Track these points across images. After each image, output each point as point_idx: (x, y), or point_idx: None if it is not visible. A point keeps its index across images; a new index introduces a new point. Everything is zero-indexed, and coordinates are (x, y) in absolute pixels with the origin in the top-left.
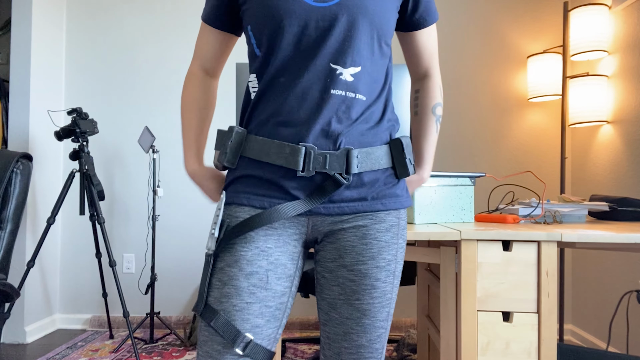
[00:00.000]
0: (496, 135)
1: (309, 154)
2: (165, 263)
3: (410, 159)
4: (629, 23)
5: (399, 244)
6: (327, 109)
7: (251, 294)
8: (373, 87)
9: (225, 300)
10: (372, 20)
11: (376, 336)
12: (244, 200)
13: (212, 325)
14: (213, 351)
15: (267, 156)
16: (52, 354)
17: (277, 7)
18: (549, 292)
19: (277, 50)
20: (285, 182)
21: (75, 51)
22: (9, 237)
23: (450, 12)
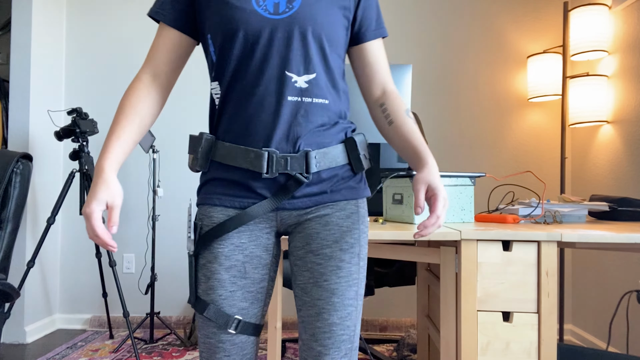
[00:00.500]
0: (496, 135)
1: (272, 158)
2: (165, 263)
3: (364, 154)
4: (629, 23)
5: (361, 229)
6: (284, 115)
7: (233, 284)
8: (329, 92)
9: (211, 292)
10: (321, 31)
11: (346, 314)
12: (216, 201)
13: (206, 315)
14: (210, 333)
15: (234, 160)
16: (52, 354)
17: (233, 18)
18: (549, 292)
19: (235, 59)
20: (252, 183)
21: (75, 51)
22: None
23: (450, 13)
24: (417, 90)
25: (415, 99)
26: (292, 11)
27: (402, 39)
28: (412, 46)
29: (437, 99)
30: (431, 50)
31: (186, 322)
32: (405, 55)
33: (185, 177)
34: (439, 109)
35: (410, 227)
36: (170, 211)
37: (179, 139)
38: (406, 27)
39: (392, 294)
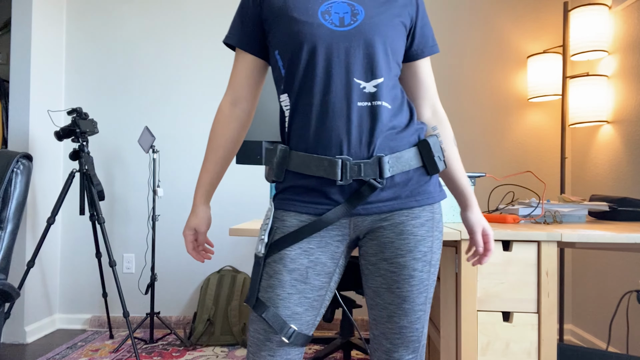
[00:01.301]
0: (496, 135)
1: (345, 165)
2: (165, 263)
3: (439, 156)
4: (629, 23)
5: (435, 235)
6: (355, 120)
7: (292, 287)
8: (395, 97)
9: (270, 290)
10: (385, 40)
11: (416, 318)
12: (290, 206)
13: (264, 317)
14: (261, 329)
15: (309, 169)
16: (52, 354)
17: (301, 33)
18: (549, 292)
19: (303, 71)
20: (326, 189)
21: (75, 51)
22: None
23: (450, 12)
24: None
25: None
26: (357, 23)
27: None
28: None
29: None
30: None
31: (186, 322)
32: None
33: (185, 177)
34: None
35: None
36: (170, 211)
37: (179, 139)
38: None
39: None
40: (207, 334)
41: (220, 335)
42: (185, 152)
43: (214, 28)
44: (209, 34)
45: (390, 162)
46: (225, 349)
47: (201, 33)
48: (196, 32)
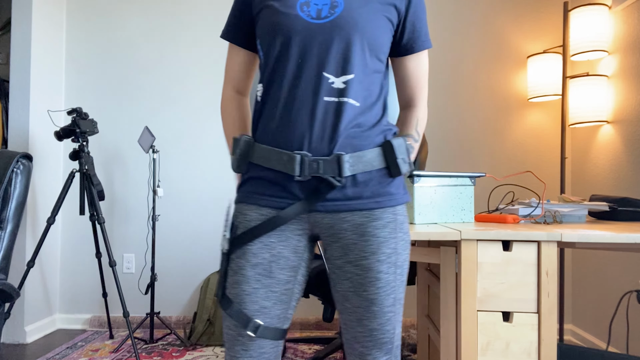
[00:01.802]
0: (496, 135)
1: (304, 161)
2: (165, 263)
3: (403, 158)
4: (629, 23)
5: (399, 237)
6: (320, 115)
7: (257, 281)
8: (366, 95)
9: (236, 286)
10: (363, 35)
11: (385, 320)
12: (251, 200)
13: (228, 313)
14: (232, 325)
15: (269, 162)
16: (52, 354)
17: (278, 23)
18: (549, 292)
19: (274, 61)
20: (287, 183)
21: (76, 51)
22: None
23: (450, 12)
24: None
25: None
26: (333, 17)
27: None
28: None
29: (437, 99)
30: (431, 50)
31: (186, 322)
32: None
33: (185, 177)
34: (439, 108)
35: (410, 227)
36: (170, 211)
37: (179, 139)
38: None
39: None
40: (207, 334)
41: (221, 335)
42: (186, 152)
43: (215, 28)
44: (210, 34)
45: (351, 161)
46: (225, 349)
47: (201, 33)
48: (196, 32)
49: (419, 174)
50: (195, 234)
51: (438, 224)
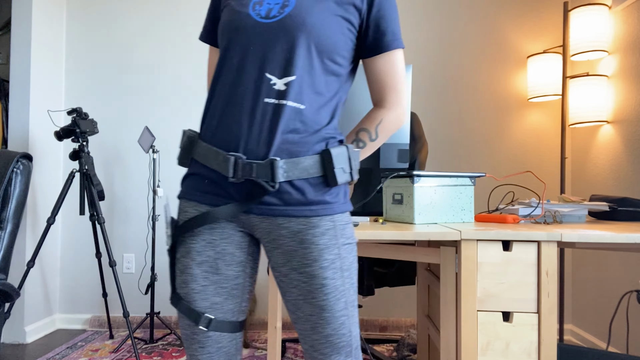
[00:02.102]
0: (496, 135)
1: (238, 163)
2: (165, 263)
3: (342, 168)
4: (628, 23)
5: (340, 242)
6: (258, 117)
7: (205, 279)
8: (314, 99)
9: (185, 286)
10: (310, 35)
11: (339, 324)
12: (191, 196)
13: (179, 310)
14: (185, 325)
15: (207, 161)
16: (52, 354)
17: (230, 22)
18: (549, 292)
19: (224, 59)
20: (224, 183)
21: (76, 51)
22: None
23: (450, 13)
24: (417, 90)
25: (415, 99)
26: (281, 16)
27: (402, 38)
28: (412, 46)
29: (437, 99)
30: (431, 50)
31: None
32: (405, 55)
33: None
34: (439, 109)
35: (410, 227)
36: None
37: (179, 139)
38: (406, 27)
39: (392, 294)
40: None
41: None
42: None
43: None
44: None
45: (285, 167)
46: None
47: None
48: (196, 32)
49: (419, 174)
50: None
51: (438, 224)
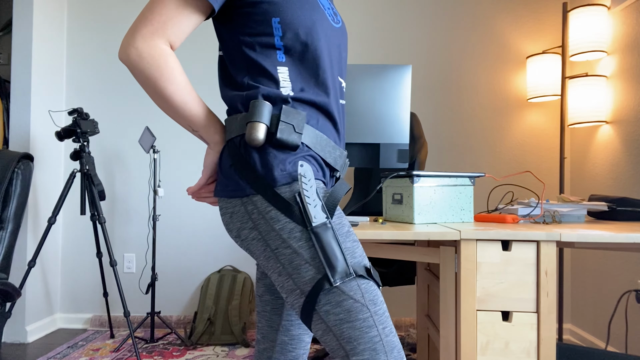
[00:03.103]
0: (496, 135)
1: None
2: (166, 263)
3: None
4: (627, 23)
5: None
6: (341, 117)
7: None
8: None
9: (365, 255)
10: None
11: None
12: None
13: (377, 280)
14: (382, 299)
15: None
16: (53, 354)
17: (314, 21)
18: (548, 291)
19: (316, 58)
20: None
21: (77, 51)
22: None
23: (450, 13)
24: (417, 90)
25: (415, 99)
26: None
27: (402, 39)
28: (412, 46)
29: (436, 99)
30: (431, 50)
31: (187, 321)
32: (405, 55)
33: (185, 177)
34: (439, 109)
35: (409, 226)
36: (170, 211)
37: (180, 139)
38: (406, 28)
39: (391, 293)
40: (208, 334)
41: (221, 335)
42: (186, 152)
43: None
44: (210, 33)
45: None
46: (226, 349)
47: (202, 32)
48: (196, 31)
49: (419, 174)
50: (195, 234)
51: (437, 223)
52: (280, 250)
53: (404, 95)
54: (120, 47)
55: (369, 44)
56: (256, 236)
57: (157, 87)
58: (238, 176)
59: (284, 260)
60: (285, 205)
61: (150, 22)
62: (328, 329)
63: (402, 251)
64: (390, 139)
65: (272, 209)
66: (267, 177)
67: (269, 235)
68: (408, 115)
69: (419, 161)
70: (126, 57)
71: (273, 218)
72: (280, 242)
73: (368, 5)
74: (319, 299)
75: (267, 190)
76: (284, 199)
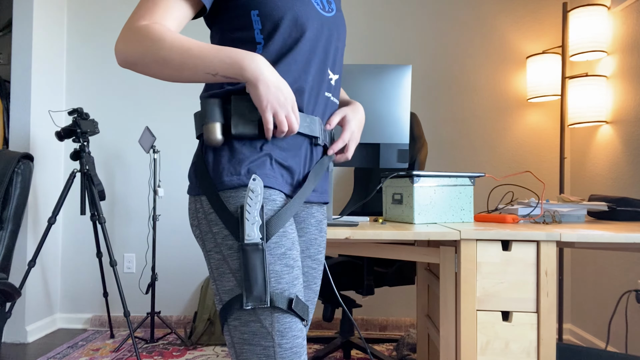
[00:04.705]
0: (496, 135)
1: None
2: (166, 263)
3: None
4: (627, 24)
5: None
6: (320, 111)
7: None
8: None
9: (297, 283)
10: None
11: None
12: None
13: (295, 309)
14: (298, 331)
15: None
16: (53, 354)
17: (295, 11)
18: (548, 291)
19: (296, 48)
20: None
21: (76, 51)
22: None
23: (450, 13)
24: (417, 90)
25: (415, 99)
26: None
27: (402, 39)
28: (412, 46)
29: (436, 99)
30: (431, 50)
31: (187, 321)
32: (405, 55)
33: (186, 177)
34: (439, 109)
35: (409, 226)
36: (170, 211)
37: (180, 139)
38: (406, 28)
39: (391, 293)
40: (208, 334)
41: (221, 335)
42: (186, 152)
43: None
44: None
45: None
46: (226, 349)
47: (202, 32)
48: (197, 31)
49: (419, 174)
50: None
51: (437, 223)
52: (212, 253)
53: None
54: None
55: (369, 44)
56: (198, 235)
57: (153, 59)
58: (194, 174)
59: (213, 264)
60: (226, 212)
61: (136, 14)
62: (232, 343)
63: (402, 251)
64: (390, 139)
65: (214, 212)
66: (215, 179)
67: (207, 236)
68: (408, 115)
69: (419, 161)
70: (117, 53)
71: (213, 221)
72: (214, 246)
73: (368, 5)
74: (231, 312)
75: (212, 193)
76: (225, 205)
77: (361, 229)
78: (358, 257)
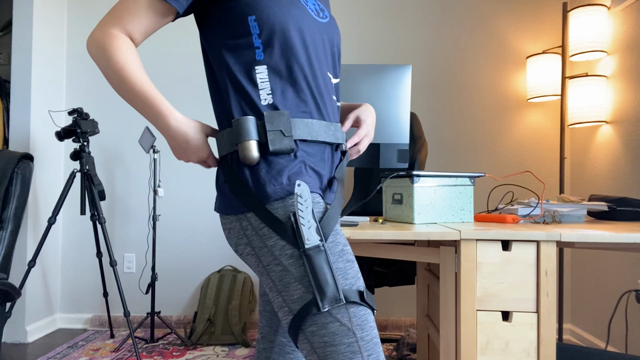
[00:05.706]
0: (496, 135)
1: None
2: (166, 263)
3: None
4: (627, 24)
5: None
6: (336, 116)
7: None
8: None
9: (359, 275)
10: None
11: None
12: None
13: (370, 303)
14: (373, 323)
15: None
16: (53, 354)
17: (293, 16)
18: (548, 291)
19: (299, 55)
20: None
21: (76, 51)
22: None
23: (450, 13)
24: (417, 90)
25: (415, 99)
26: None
27: (402, 39)
28: (412, 46)
29: (436, 99)
30: (431, 50)
31: (187, 321)
32: (405, 55)
33: (186, 177)
34: (439, 109)
35: (409, 226)
36: (170, 211)
37: None
38: (406, 28)
39: (392, 293)
40: (208, 334)
41: (221, 335)
42: None
43: None
44: None
45: None
46: (226, 349)
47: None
48: (197, 31)
49: (419, 174)
50: (195, 234)
51: (437, 223)
52: (272, 267)
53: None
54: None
55: (369, 43)
56: (250, 252)
57: (105, 68)
58: (232, 193)
59: (274, 277)
60: (278, 223)
61: (110, 14)
62: (312, 350)
63: (402, 251)
64: (390, 139)
65: (265, 226)
66: (259, 193)
67: (262, 251)
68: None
69: (419, 161)
70: (87, 46)
71: (265, 235)
72: (272, 259)
73: (368, 5)
74: (305, 319)
75: (259, 208)
76: (276, 217)
77: (361, 229)
78: (358, 257)
